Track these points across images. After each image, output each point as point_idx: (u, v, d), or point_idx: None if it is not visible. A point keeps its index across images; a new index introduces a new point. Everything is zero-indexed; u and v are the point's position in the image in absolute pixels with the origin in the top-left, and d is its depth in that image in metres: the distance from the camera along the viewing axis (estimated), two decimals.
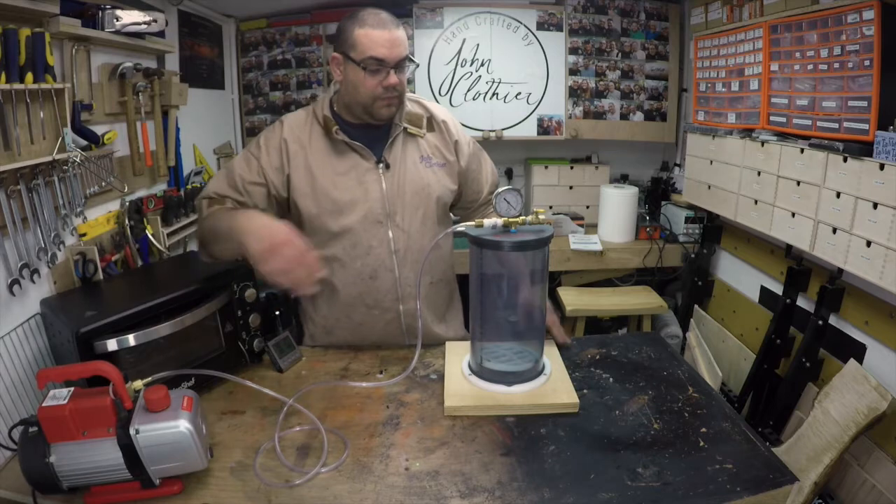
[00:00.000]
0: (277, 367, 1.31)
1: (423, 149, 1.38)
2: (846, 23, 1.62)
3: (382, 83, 1.23)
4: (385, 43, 1.21)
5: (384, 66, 1.22)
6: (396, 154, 1.35)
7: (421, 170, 1.36)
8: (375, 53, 1.21)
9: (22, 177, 1.21)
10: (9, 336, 1.18)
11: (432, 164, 1.38)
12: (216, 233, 1.20)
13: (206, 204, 1.31)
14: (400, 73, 1.25)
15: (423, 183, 1.36)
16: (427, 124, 1.40)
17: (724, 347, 2.39)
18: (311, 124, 1.34)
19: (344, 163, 1.32)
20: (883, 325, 1.65)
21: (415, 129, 1.37)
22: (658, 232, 2.73)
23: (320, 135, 1.33)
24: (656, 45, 2.85)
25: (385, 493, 0.92)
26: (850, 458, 1.65)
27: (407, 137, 1.37)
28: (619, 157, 3.07)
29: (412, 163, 1.36)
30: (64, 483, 0.87)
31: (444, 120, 1.42)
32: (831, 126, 1.72)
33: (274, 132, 1.34)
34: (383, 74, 1.23)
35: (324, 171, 1.31)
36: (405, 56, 1.24)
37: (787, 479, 0.93)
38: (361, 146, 1.31)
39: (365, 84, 1.24)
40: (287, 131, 1.33)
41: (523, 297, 1.21)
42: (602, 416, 1.11)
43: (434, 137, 1.41)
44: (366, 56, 1.21)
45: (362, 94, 1.25)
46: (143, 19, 1.64)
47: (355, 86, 1.26)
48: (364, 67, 1.22)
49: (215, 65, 2.61)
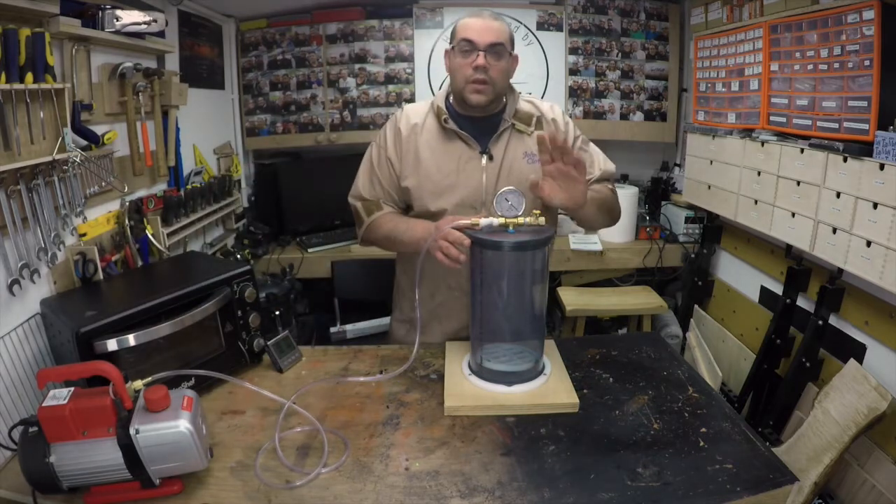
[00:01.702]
0: (277, 367, 1.32)
1: (528, 146, 1.40)
2: (846, 23, 1.62)
3: (472, 64, 1.29)
4: (476, 27, 1.29)
5: (474, 48, 1.28)
6: (501, 147, 1.39)
7: (523, 165, 1.38)
8: (466, 35, 1.29)
9: (22, 177, 1.21)
10: (9, 336, 1.18)
11: (535, 161, 1.36)
12: (394, 242, 1.39)
13: (363, 208, 1.44)
14: (491, 58, 1.29)
15: (523, 177, 1.35)
16: (536, 123, 1.42)
17: (724, 347, 2.39)
18: (428, 113, 1.42)
19: (450, 148, 1.38)
20: (883, 325, 1.65)
21: (522, 126, 1.40)
22: (658, 232, 2.73)
23: (433, 122, 1.41)
24: (656, 45, 2.84)
25: (385, 493, 0.92)
26: (850, 458, 1.65)
27: (514, 133, 1.40)
28: (619, 157, 3.02)
29: (516, 158, 1.39)
30: (64, 483, 0.87)
31: (554, 118, 1.45)
32: (831, 126, 1.72)
33: (393, 121, 1.44)
34: (473, 56, 1.29)
35: (430, 154, 1.38)
36: (497, 42, 1.29)
37: (787, 479, 0.93)
38: (467, 135, 1.37)
39: (458, 66, 1.32)
40: (403, 120, 1.42)
41: (523, 297, 1.21)
42: (602, 416, 1.11)
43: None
44: (459, 39, 1.31)
45: (457, 78, 1.33)
46: (143, 19, 1.64)
47: (453, 72, 1.35)
48: (456, 49, 1.31)
49: (215, 65, 2.61)
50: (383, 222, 1.41)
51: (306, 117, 2.89)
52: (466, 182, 1.37)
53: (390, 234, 1.39)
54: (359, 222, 1.47)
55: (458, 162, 1.38)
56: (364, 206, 1.45)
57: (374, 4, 2.79)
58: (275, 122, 2.91)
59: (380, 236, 1.43)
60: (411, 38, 2.81)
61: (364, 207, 1.45)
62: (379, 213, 1.43)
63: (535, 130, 1.40)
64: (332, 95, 2.87)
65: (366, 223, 1.44)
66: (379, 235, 1.43)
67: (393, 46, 2.81)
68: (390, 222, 1.40)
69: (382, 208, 1.43)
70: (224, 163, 2.61)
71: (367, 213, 1.44)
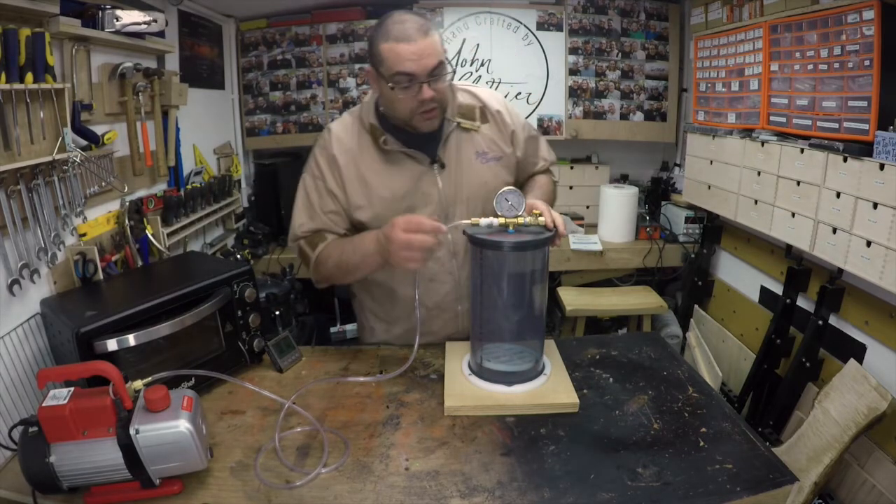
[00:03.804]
0: (277, 367, 1.31)
1: (478, 144, 1.31)
2: (846, 23, 1.62)
3: (417, 97, 1.15)
4: (411, 56, 1.11)
5: (415, 81, 1.14)
6: (451, 152, 1.29)
7: (477, 167, 1.30)
8: (403, 69, 1.12)
9: (22, 177, 1.21)
10: (9, 336, 1.18)
11: (489, 160, 1.32)
12: (347, 267, 1.24)
13: (307, 244, 1.30)
14: (436, 83, 1.16)
15: (480, 181, 1.30)
16: (481, 116, 1.32)
17: (724, 347, 2.39)
18: (359, 132, 1.29)
19: (397, 167, 1.26)
20: (883, 325, 1.65)
21: (469, 124, 1.29)
22: (658, 232, 2.73)
23: (369, 142, 1.27)
24: (656, 45, 2.85)
25: (385, 493, 0.92)
26: (850, 458, 1.65)
27: (461, 133, 1.30)
28: (619, 157, 3.07)
29: (468, 160, 1.30)
30: (64, 483, 0.87)
31: (499, 110, 1.35)
32: (831, 126, 1.72)
33: (324, 148, 1.29)
34: (415, 89, 1.14)
35: (378, 178, 1.26)
36: (437, 65, 1.14)
37: (787, 479, 0.93)
38: (413, 150, 1.26)
39: (398, 101, 1.17)
40: (336, 145, 1.28)
41: (523, 297, 1.21)
42: (602, 416, 1.11)
43: (489, 129, 1.33)
44: (393, 73, 1.13)
45: (399, 110, 1.20)
46: (143, 19, 1.64)
47: (391, 101, 1.20)
48: (392, 86, 1.14)
49: (215, 65, 2.61)
50: (330, 253, 1.27)
51: (306, 117, 2.90)
52: (424, 200, 1.27)
53: (339, 262, 1.25)
54: (307, 262, 1.32)
55: (410, 180, 1.27)
56: (308, 242, 1.30)
57: (374, 4, 2.79)
58: (275, 122, 2.91)
59: (330, 268, 1.27)
60: None
61: (308, 243, 1.30)
62: (323, 245, 1.28)
63: (480, 124, 1.31)
64: (332, 95, 2.87)
65: (312, 259, 1.29)
66: (329, 268, 1.27)
67: None
68: (335, 250, 1.26)
69: (326, 238, 1.28)
70: (224, 163, 2.61)
71: (312, 248, 1.29)
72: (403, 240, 1.08)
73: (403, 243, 1.08)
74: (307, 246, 1.30)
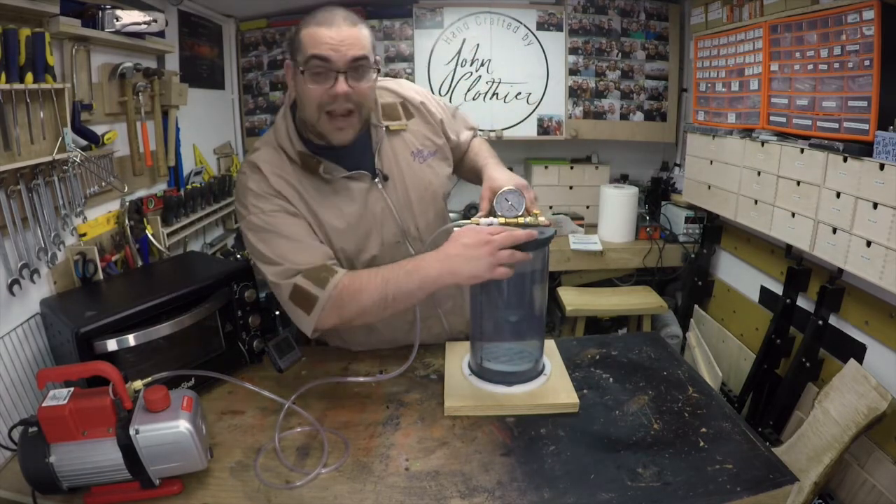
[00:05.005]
0: (277, 367, 1.31)
1: (410, 143, 1.24)
2: (846, 23, 1.62)
3: (329, 91, 1.02)
4: (330, 40, 0.99)
5: (330, 68, 1.01)
6: (389, 160, 1.20)
7: (416, 169, 1.23)
8: (318, 51, 1.00)
9: (22, 177, 1.21)
10: (9, 336, 1.18)
11: (425, 158, 1.26)
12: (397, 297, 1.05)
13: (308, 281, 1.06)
14: (355, 80, 1.04)
15: (423, 184, 1.24)
16: (404, 111, 1.25)
17: (724, 347, 2.39)
18: (289, 164, 1.14)
19: (344, 195, 1.16)
20: (883, 325, 1.65)
21: (396, 125, 1.22)
22: (658, 232, 2.73)
23: (303, 174, 1.14)
24: (656, 45, 2.85)
25: (385, 493, 0.92)
26: (850, 458, 1.65)
27: (392, 137, 1.22)
28: (619, 157, 3.08)
29: (406, 164, 1.22)
30: (64, 483, 0.87)
31: (422, 101, 1.27)
32: (831, 126, 1.72)
33: (260, 186, 1.12)
34: (330, 80, 1.02)
35: (328, 212, 1.15)
36: (359, 56, 1.02)
37: (787, 479, 0.93)
38: (355, 171, 1.16)
39: (309, 94, 1.03)
40: (273, 179, 1.12)
41: (523, 297, 1.21)
42: (602, 416, 1.11)
43: (417, 124, 1.26)
44: (308, 56, 1.01)
45: (309, 108, 1.06)
46: (143, 19, 1.64)
47: (301, 98, 1.06)
48: (304, 71, 1.02)
49: (215, 65, 2.61)
50: (362, 286, 1.05)
51: None
52: (377, 220, 1.18)
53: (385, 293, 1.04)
54: (308, 305, 1.06)
55: (358, 203, 1.16)
56: (310, 276, 1.07)
57: (374, 4, 2.79)
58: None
59: (364, 304, 1.05)
60: (411, 38, 2.81)
61: (311, 277, 1.06)
62: (336, 279, 1.06)
63: (406, 121, 1.24)
64: None
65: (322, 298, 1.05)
66: (363, 303, 1.05)
67: (393, 46, 2.82)
68: (371, 281, 1.05)
69: (336, 272, 1.08)
70: (224, 163, 2.61)
71: (320, 283, 1.06)
72: (506, 255, 1.01)
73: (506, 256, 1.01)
74: (312, 281, 1.06)
